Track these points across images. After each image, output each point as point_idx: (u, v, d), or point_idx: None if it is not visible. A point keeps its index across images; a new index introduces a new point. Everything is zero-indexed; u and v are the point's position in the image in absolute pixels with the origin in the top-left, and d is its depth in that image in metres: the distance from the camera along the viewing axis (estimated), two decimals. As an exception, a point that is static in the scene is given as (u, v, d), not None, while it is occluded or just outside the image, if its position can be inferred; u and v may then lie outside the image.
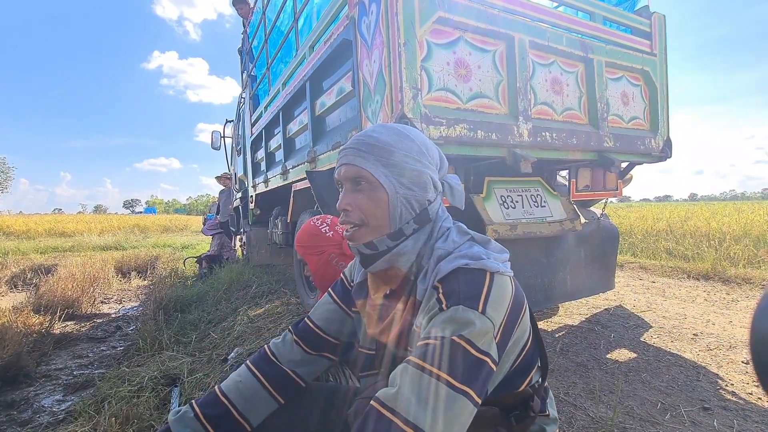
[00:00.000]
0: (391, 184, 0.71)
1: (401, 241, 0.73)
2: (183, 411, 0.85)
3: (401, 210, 0.72)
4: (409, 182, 0.72)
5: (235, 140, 6.13)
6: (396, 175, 0.71)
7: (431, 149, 0.77)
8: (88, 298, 4.15)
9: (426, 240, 0.74)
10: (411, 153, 0.72)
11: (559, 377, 1.98)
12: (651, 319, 2.87)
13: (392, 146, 0.72)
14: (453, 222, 0.78)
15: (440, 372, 0.56)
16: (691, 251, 5.34)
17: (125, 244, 10.58)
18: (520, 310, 0.69)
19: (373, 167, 0.71)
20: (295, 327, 0.94)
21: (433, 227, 0.75)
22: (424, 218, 0.74)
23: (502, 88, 1.96)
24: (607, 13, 2.37)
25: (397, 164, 0.71)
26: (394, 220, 0.72)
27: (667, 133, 2.63)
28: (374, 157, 0.72)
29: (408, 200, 0.72)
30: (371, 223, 0.73)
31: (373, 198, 0.72)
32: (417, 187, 0.72)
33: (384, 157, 0.71)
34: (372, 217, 0.72)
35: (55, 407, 2.10)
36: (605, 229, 2.75)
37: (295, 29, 2.88)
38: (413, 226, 0.73)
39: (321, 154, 2.41)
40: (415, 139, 0.75)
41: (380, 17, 1.68)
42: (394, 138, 0.73)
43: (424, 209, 0.74)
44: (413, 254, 0.73)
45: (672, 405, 1.70)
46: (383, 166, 0.71)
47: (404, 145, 0.73)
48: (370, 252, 0.74)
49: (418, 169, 0.72)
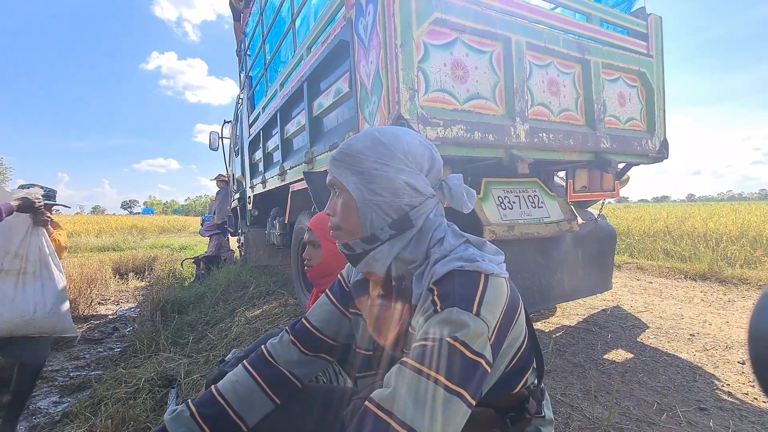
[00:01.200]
0: (359, 191, 0.72)
1: (376, 246, 0.73)
2: (179, 410, 0.84)
3: (371, 216, 0.73)
4: (379, 188, 0.72)
5: (233, 141, 6.13)
6: (365, 182, 0.72)
7: (413, 152, 0.74)
8: (86, 299, 4.14)
9: (408, 245, 0.73)
10: (381, 159, 0.72)
11: (556, 378, 1.98)
12: (648, 319, 2.88)
13: (362, 154, 0.73)
14: (447, 224, 0.77)
15: (435, 373, 0.56)
16: (688, 252, 5.36)
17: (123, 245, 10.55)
18: (516, 312, 0.69)
19: (343, 175, 0.74)
20: (292, 328, 0.94)
21: (421, 232, 0.74)
22: (403, 224, 0.73)
23: (499, 89, 1.96)
24: (603, 15, 2.38)
25: (365, 171, 0.72)
26: (365, 225, 0.73)
27: (663, 134, 2.65)
28: (345, 165, 0.74)
29: (378, 206, 0.72)
30: (344, 228, 0.76)
31: (344, 205, 0.75)
32: (387, 192, 0.72)
33: (354, 165, 0.73)
34: (345, 222, 0.76)
35: (51, 409, 2.10)
36: (602, 229, 2.75)
37: (293, 30, 2.88)
38: (389, 232, 0.73)
39: (319, 155, 2.41)
40: (390, 143, 0.73)
41: (377, 18, 1.69)
42: (367, 145, 0.73)
43: (404, 215, 0.73)
44: (388, 259, 0.74)
45: (668, 405, 1.71)
46: (352, 174, 0.73)
47: (374, 151, 0.73)
48: (348, 252, 0.77)
49: (389, 175, 0.71)
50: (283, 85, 3.06)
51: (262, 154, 3.92)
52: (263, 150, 3.89)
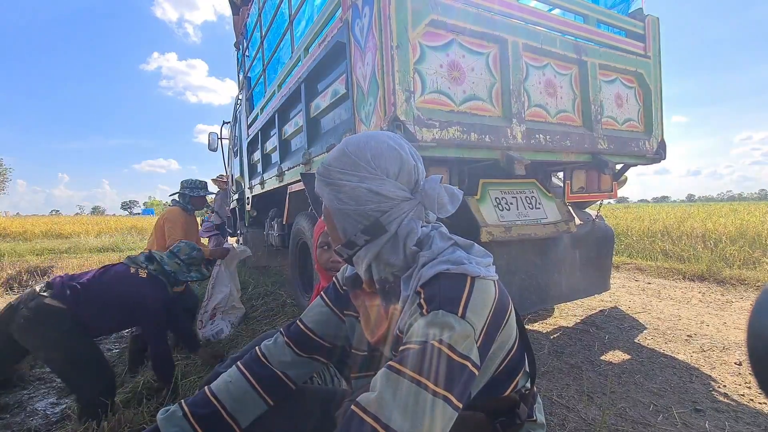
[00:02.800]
0: (331, 201, 0.76)
1: (355, 251, 0.77)
2: (172, 410, 0.85)
3: (343, 224, 0.76)
4: (346, 197, 0.74)
5: (232, 142, 6.13)
6: (335, 192, 0.75)
7: (378, 158, 0.73)
8: (84, 300, 4.13)
9: (384, 250, 0.74)
10: (344, 169, 0.74)
11: (552, 379, 1.98)
12: (646, 320, 2.88)
13: (331, 166, 0.76)
14: (434, 227, 0.77)
15: (420, 377, 0.56)
16: (686, 252, 5.36)
17: (122, 246, 10.54)
18: (505, 314, 0.69)
19: (320, 188, 0.78)
20: (286, 329, 0.94)
21: (396, 237, 0.74)
22: (375, 230, 0.73)
23: (495, 91, 1.97)
24: (601, 16, 2.38)
25: (334, 183, 0.75)
26: (341, 233, 0.78)
27: (661, 134, 2.65)
28: (321, 179, 0.78)
29: (347, 215, 0.75)
30: (330, 236, 0.83)
31: (325, 214, 0.81)
32: (352, 201, 0.73)
33: (326, 177, 0.76)
34: (329, 230, 0.82)
35: (48, 410, 2.09)
36: (600, 230, 2.75)
37: (291, 31, 2.89)
38: (364, 237, 0.75)
39: (316, 156, 2.41)
40: (353, 152, 0.73)
41: (373, 20, 1.69)
42: (335, 156, 0.76)
43: (375, 221, 0.73)
44: (364, 263, 0.77)
45: (664, 407, 1.71)
46: (325, 185, 0.77)
47: (339, 162, 0.75)
48: (338, 255, 0.82)
49: (351, 183, 0.73)
50: (281, 86, 3.07)
51: (261, 155, 3.92)
52: (261, 151, 3.89)
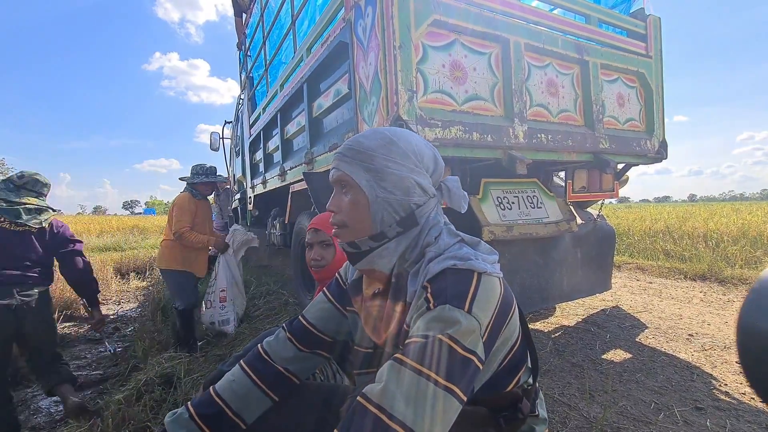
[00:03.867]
0: (371, 188, 0.73)
1: (383, 242, 0.75)
2: (179, 412, 0.86)
3: (382, 213, 0.74)
4: (391, 186, 0.73)
5: (234, 141, 6.14)
6: (377, 179, 0.73)
7: (421, 153, 0.76)
8: (87, 299, 4.14)
9: (411, 243, 0.75)
10: (393, 157, 0.73)
11: (554, 377, 1.99)
12: (647, 319, 2.88)
13: (374, 151, 0.74)
14: (445, 224, 0.79)
15: (426, 369, 0.57)
16: (688, 252, 5.35)
17: (124, 245, 10.56)
18: (509, 311, 0.70)
19: (355, 172, 0.74)
20: (288, 325, 0.95)
21: (421, 231, 0.75)
22: (409, 222, 0.74)
23: (497, 90, 1.97)
24: (602, 16, 2.38)
25: (378, 169, 0.73)
26: (375, 222, 0.74)
27: (662, 134, 2.65)
28: (357, 162, 0.74)
29: (390, 204, 0.73)
30: (352, 226, 0.76)
31: (354, 201, 0.75)
32: (399, 191, 0.73)
33: (366, 161, 0.74)
34: (353, 219, 0.75)
35: (52, 408, 2.11)
36: (602, 229, 2.76)
37: (293, 31, 2.89)
38: (397, 229, 0.74)
39: (318, 155, 2.42)
40: (402, 143, 0.75)
41: (376, 20, 1.69)
42: (378, 143, 0.74)
43: (411, 213, 0.74)
44: (394, 257, 0.75)
45: (666, 405, 1.71)
46: (365, 171, 0.74)
47: (386, 149, 0.74)
48: (353, 250, 0.77)
49: (400, 173, 0.73)
50: (284, 85, 3.08)
51: (263, 155, 3.93)
52: (263, 150, 3.90)
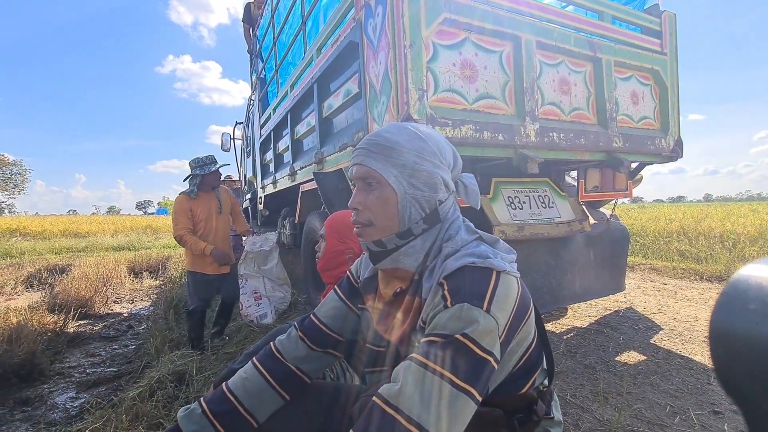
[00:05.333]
0: (400, 185, 0.72)
1: (410, 240, 0.73)
2: (191, 408, 0.86)
3: (410, 210, 0.72)
4: (419, 182, 0.72)
5: (245, 142, 6.20)
6: (406, 175, 0.72)
7: (444, 149, 0.76)
8: (101, 297, 4.22)
9: (434, 240, 0.74)
10: (422, 153, 0.72)
11: (566, 379, 1.96)
12: (662, 321, 2.83)
13: (402, 146, 0.72)
14: (462, 221, 0.78)
15: (443, 370, 0.56)
16: (704, 253, 5.25)
17: (137, 245, 10.74)
18: (526, 311, 0.69)
19: (383, 167, 0.72)
20: (300, 324, 0.95)
21: (442, 227, 0.75)
22: (434, 218, 0.74)
23: (508, 89, 1.96)
24: (616, 12, 2.35)
25: (407, 164, 0.71)
26: (403, 219, 0.73)
27: (677, 132, 2.60)
28: (384, 158, 0.72)
29: (417, 200, 0.72)
30: (379, 223, 0.74)
31: (381, 198, 0.73)
32: (427, 187, 0.72)
33: (394, 157, 0.72)
34: (380, 216, 0.73)
35: (68, 404, 2.15)
36: (615, 229, 2.72)
37: (303, 32, 2.91)
38: (423, 226, 0.73)
39: (328, 155, 2.43)
40: (427, 138, 0.74)
41: (386, 19, 1.69)
42: (405, 138, 0.73)
43: (435, 209, 0.73)
44: (421, 254, 0.74)
45: (681, 408, 1.68)
46: (393, 167, 0.72)
47: (415, 144, 0.72)
48: (378, 249, 0.75)
49: (429, 169, 0.72)
50: (294, 86, 3.09)
51: (273, 155, 3.96)
52: (274, 151, 3.93)
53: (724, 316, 0.33)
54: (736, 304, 0.32)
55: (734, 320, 0.32)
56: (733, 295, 0.33)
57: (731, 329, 0.32)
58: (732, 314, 0.32)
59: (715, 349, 0.33)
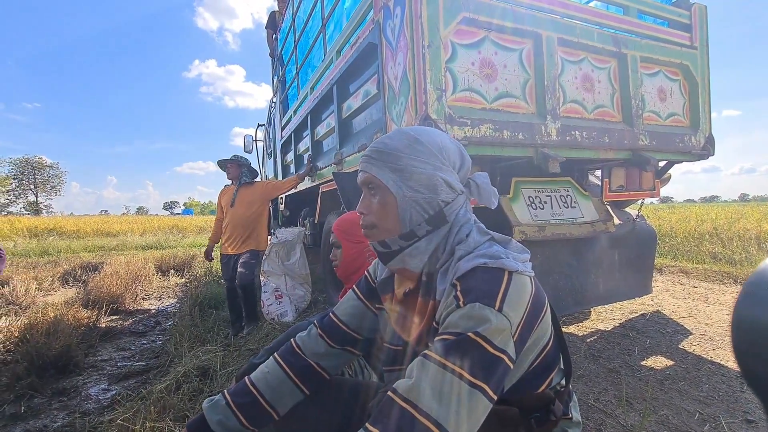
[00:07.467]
0: (399, 188, 0.74)
1: (414, 241, 0.75)
2: (216, 399, 0.90)
3: (410, 212, 0.74)
4: (418, 185, 0.73)
5: (266, 143, 6.32)
6: (404, 179, 0.74)
7: (447, 150, 0.77)
8: (131, 294, 4.38)
9: (441, 241, 0.75)
10: (419, 156, 0.74)
11: (589, 383, 1.92)
12: (691, 325, 2.73)
13: (400, 151, 0.74)
14: (474, 222, 0.78)
15: (456, 367, 0.57)
16: (738, 255, 5.02)
17: (165, 244, 11.11)
18: (541, 311, 0.69)
19: (381, 172, 0.75)
20: (320, 321, 0.97)
21: (451, 228, 0.75)
22: (438, 220, 0.75)
23: (529, 87, 1.93)
24: (642, 6, 2.28)
25: (404, 168, 0.74)
26: (404, 222, 0.75)
27: (709, 129, 2.50)
28: (382, 163, 0.75)
29: (417, 203, 0.74)
30: (382, 226, 0.77)
31: (382, 202, 0.76)
32: (426, 189, 0.73)
33: (391, 162, 0.74)
34: (382, 220, 0.77)
35: (101, 395, 2.25)
36: (641, 230, 2.64)
37: (323, 34, 2.95)
38: (426, 228, 0.74)
39: (347, 156, 2.45)
40: (427, 141, 0.75)
41: (404, 20, 1.70)
42: (403, 143, 0.75)
43: (439, 211, 0.74)
44: (425, 255, 0.75)
45: (711, 416, 1.62)
46: (391, 171, 0.74)
47: (412, 149, 0.74)
48: (384, 250, 0.78)
49: (427, 172, 0.73)
50: (314, 88, 3.14)
51: (294, 156, 4.03)
52: (294, 152, 4.00)
53: (749, 306, 0.32)
54: (761, 295, 0.32)
55: (759, 311, 0.32)
56: (759, 285, 0.33)
57: (755, 319, 0.32)
58: (757, 304, 0.32)
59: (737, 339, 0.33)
